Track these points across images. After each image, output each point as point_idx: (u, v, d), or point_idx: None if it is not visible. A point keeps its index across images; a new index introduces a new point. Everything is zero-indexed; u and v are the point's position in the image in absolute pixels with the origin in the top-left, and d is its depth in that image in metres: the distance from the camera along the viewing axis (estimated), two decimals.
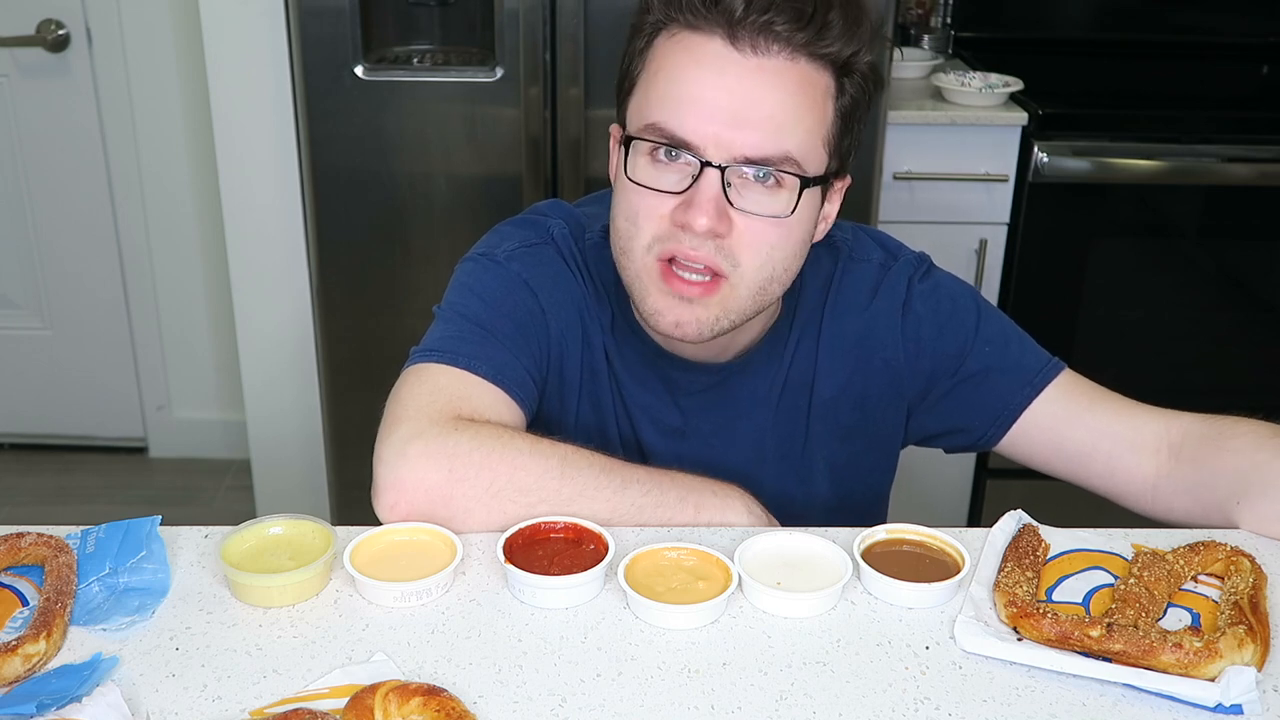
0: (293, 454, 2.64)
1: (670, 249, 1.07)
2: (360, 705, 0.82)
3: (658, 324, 1.11)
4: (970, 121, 2.37)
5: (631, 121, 1.10)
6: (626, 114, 1.11)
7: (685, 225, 1.05)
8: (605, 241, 1.19)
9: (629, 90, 1.11)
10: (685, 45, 1.05)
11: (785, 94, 1.04)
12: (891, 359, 1.23)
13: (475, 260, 1.22)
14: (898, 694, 0.88)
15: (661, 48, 1.07)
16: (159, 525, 1.01)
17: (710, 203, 1.04)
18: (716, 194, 1.04)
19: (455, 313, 1.18)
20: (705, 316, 1.09)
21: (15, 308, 2.97)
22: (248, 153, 2.41)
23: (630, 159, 1.08)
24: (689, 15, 1.04)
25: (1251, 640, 0.89)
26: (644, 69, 1.09)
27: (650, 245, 1.08)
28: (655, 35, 1.08)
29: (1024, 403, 1.21)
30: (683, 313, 1.09)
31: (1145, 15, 2.89)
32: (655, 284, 1.09)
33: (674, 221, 1.06)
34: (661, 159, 1.06)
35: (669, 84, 1.05)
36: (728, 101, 1.03)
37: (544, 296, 1.19)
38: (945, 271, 1.27)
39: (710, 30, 1.03)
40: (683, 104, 1.04)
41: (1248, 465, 1.09)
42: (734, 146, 1.04)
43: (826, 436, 1.24)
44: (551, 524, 1.03)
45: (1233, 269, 2.61)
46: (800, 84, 1.05)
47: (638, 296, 1.12)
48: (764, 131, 1.04)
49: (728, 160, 1.04)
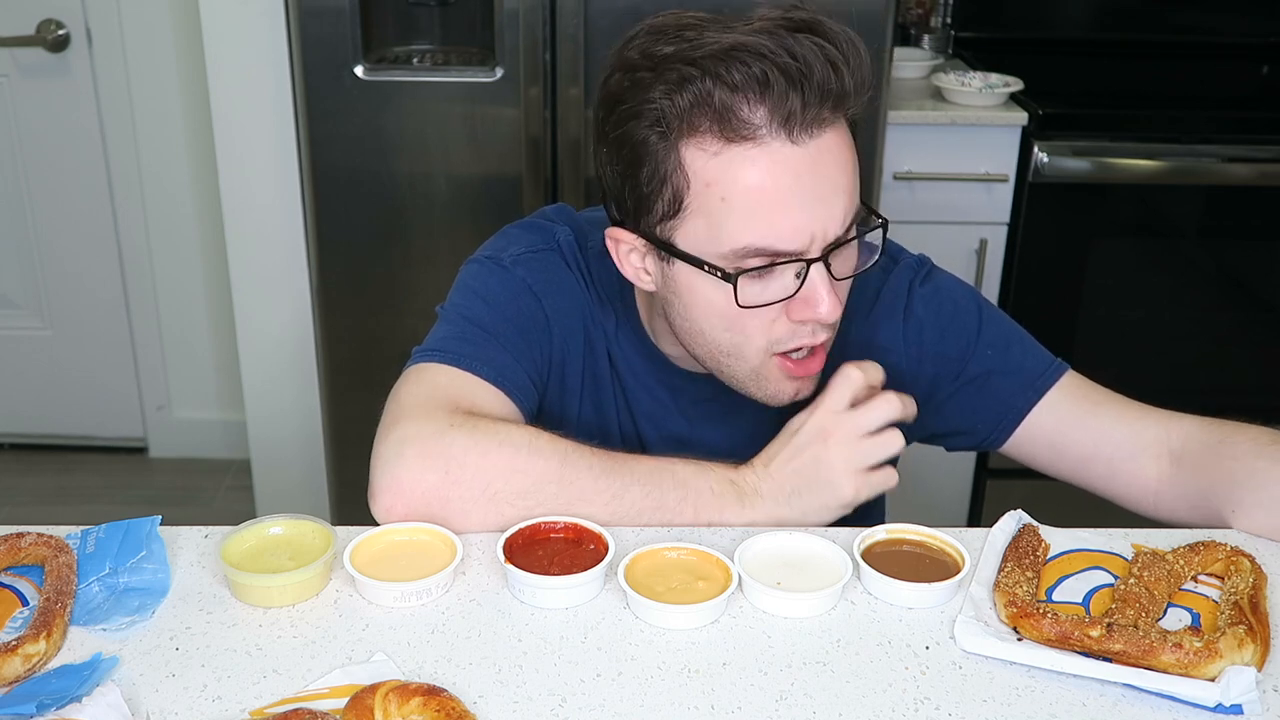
0: (293, 454, 2.64)
1: (792, 346, 1.09)
2: (360, 705, 0.82)
3: (777, 400, 1.13)
4: (970, 121, 2.37)
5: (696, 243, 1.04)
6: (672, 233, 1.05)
7: (810, 320, 1.06)
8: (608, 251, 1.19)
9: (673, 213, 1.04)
10: (747, 160, 0.99)
11: (843, 162, 1.04)
12: (894, 363, 1.22)
13: (480, 263, 1.22)
14: (898, 694, 0.88)
15: (711, 167, 1.00)
16: (159, 525, 1.01)
17: (830, 293, 1.04)
18: (829, 282, 1.05)
19: (458, 314, 1.17)
20: (816, 371, 1.12)
21: (15, 308, 2.97)
22: (248, 153, 2.41)
23: (740, 289, 1.04)
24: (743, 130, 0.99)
25: (1251, 640, 0.89)
26: (690, 191, 1.02)
27: (767, 348, 1.09)
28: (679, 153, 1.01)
29: (1027, 406, 1.21)
30: (800, 384, 1.12)
31: (1145, 15, 2.89)
32: (777, 377, 1.11)
33: (793, 319, 1.07)
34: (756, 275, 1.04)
35: (748, 203, 1.00)
36: (810, 197, 1.01)
37: (548, 302, 1.19)
38: (946, 273, 1.27)
39: (765, 137, 1.00)
40: (772, 219, 1.01)
41: (1244, 473, 1.09)
42: (827, 232, 1.03)
43: None
44: (551, 524, 1.03)
45: (1233, 269, 2.61)
46: (846, 146, 1.04)
47: (750, 388, 1.13)
48: (842, 207, 1.04)
49: (823, 248, 1.04)
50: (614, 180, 1.08)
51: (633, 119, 1.03)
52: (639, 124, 1.02)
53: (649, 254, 1.10)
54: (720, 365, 1.13)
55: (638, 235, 1.09)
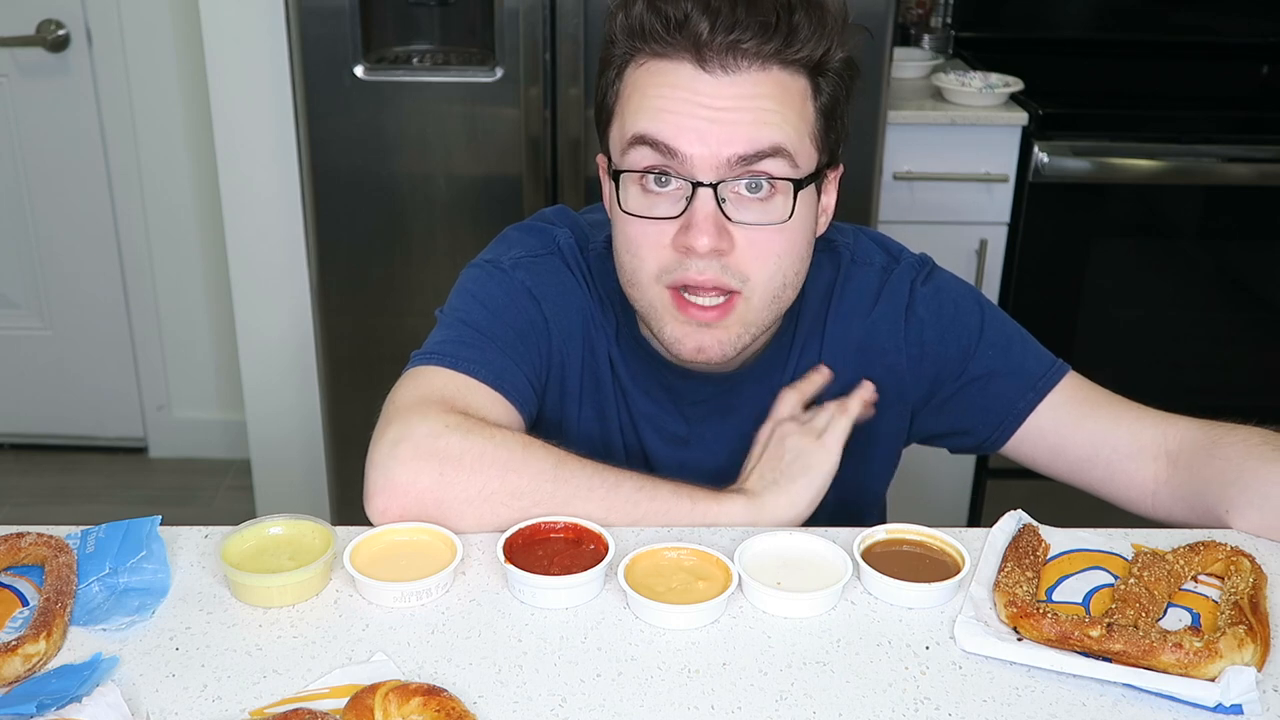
0: (293, 454, 2.64)
1: (678, 278, 1.07)
2: (360, 705, 0.82)
3: (680, 352, 1.11)
4: (970, 121, 2.37)
5: (615, 149, 1.10)
6: (609, 144, 1.12)
7: (688, 249, 1.05)
8: (609, 252, 1.19)
9: (607, 121, 1.12)
10: (656, 70, 1.05)
11: (762, 100, 1.04)
12: (895, 364, 1.22)
13: (480, 267, 1.22)
14: (898, 694, 0.88)
15: (631, 76, 1.08)
16: (159, 525, 1.01)
17: (708, 221, 1.04)
18: (713, 211, 1.04)
19: (457, 318, 1.18)
20: (726, 337, 1.10)
21: (15, 308, 2.97)
22: (248, 153, 2.41)
23: (621, 190, 1.07)
24: (654, 44, 1.04)
25: (1251, 640, 0.89)
26: (618, 98, 1.09)
27: (658, 276, 1.08)
28: (624, 66, 1.08)
29: (1028, 408, 1.21)
30: (703, 337, 1.09)
31: (1145, 15, 2.89)
32: (670, 314, 1.09)
33: (676, 247, 1.06)
34: (653, 187, 1.06)
35: (643, 100, 1.06)
36: (707, 119, 1.03)
37: (547, 306, 1.19)
38: (947, 273, 1.27)
39: (678, 56, 1.04)
40: (662, 114, 1.04)
41: (1236, 474, 1.09)
42: (721, 151, 1.03)
43: None
44: (551, 524, 1.03)
45: (1233, 269, 2.61)
46: (776, 91, 1.05)
47: (655, 326, 1.12)
48: (745, 138, 1.04)
49: (718, 175, 1.04)
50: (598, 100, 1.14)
51: (605, 44, 1.11)
52: (606, 48, 1.11)
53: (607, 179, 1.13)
54: (631, 300, 1.14)
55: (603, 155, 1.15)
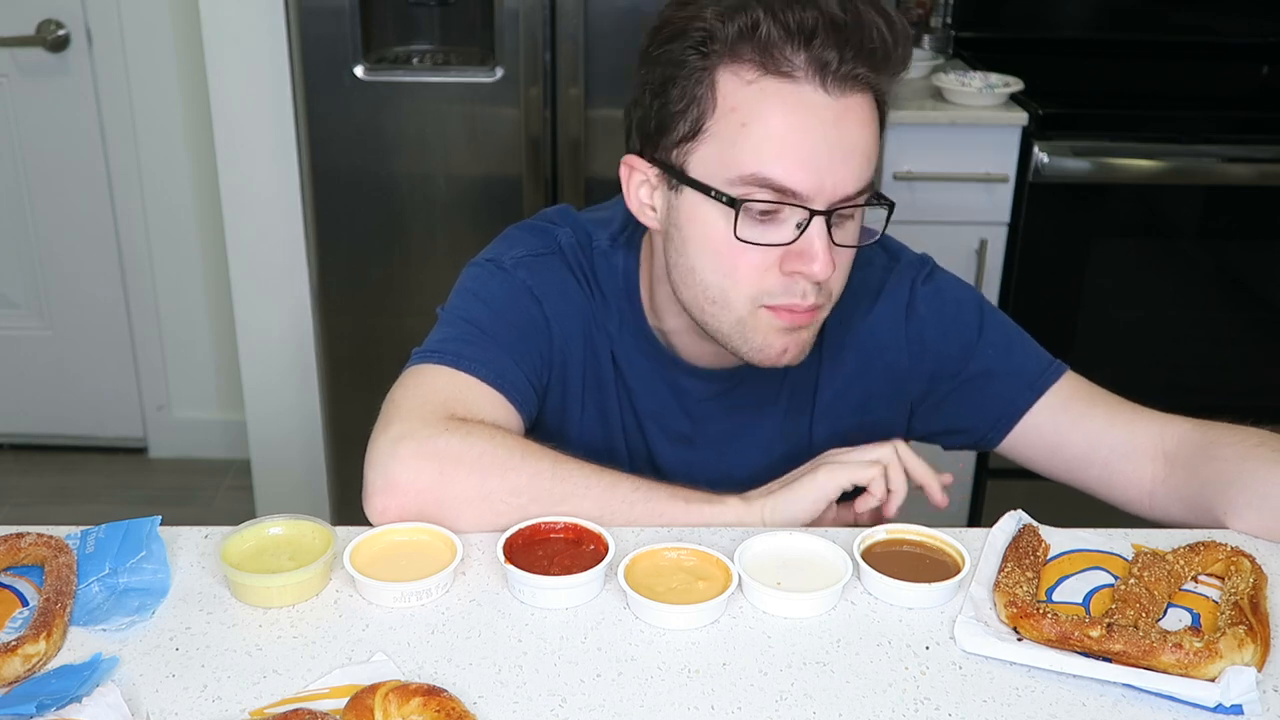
0: (293, 454, 2.64)
1: (782, 302, 1.07)
2: (360, 705, 0.82)
3: (763, 358, 1.11)
4: (970, 121, 2.37)
5: (707, 169, 1.06)
6: (687, 158, 1.07)
7: (800, 274, 1.05)
8: (613, 249, 1.19)
9: (691, 135, 1.06)
10: (777, 94, 1.02)
11: (866, 129, 1.05)
12: (895, 361, 1.23)
13: (482, 265, 1.22)
14: (898, 694, 0.88)
15: (741, 94, 1.03)
16: (159, 525, 1.01)
17: (826, 251, 1.04)
18: (828, 240, 1.04)
19: (458, 316, 1.17)
20: (805, 338, 1.11)
21: (15, 308, 2.97)
22: (248, 153, 2.41)
23: (740, 221, 1.05)
24: (782, 66, 1.02)
25: (1251, 640, 0.89)
26: (714, 114, 1.04)
27: (756, 297, 1.08)
28: (714, 74, 1.04)
29: (1025, 406, 1.21)
30: (788, 340, 1.10)
31: (1145, 15, 2.88)
32: (765, 326, 1.09)
33: (784, 270, 1.06)
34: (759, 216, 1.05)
35: (767, 134, 1.02)
36: (828, 148, 1.03)
37: (548, 306, 1.19)
38: (948, 273, 1.27)
39: (800, 79, 1.02)
40: (785, 154, 1.02)
41: (1234, 475, 1.09)
42: (836, 189, 1.04)
43: (828, 437, 1.24)
44: (551, 524, 1.03)
45: (1233, 269, 2.61)
46: (872, 116, 1.06)
47: (735, 341, 1.11)
48: (857, 168, 1.04)
49: (829, 204, 1.04)
50: (643, 101, 1.09)
51: (677, 38, 1.05)
52: (682, 43, 1.05)
53: (659, 187, 1.11)
54: (705, 314, 1.11)
55: (652, 164, 1.10)
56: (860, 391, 1.24)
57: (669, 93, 1.06)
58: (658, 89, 1.07)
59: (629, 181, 1.13)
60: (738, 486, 1.12)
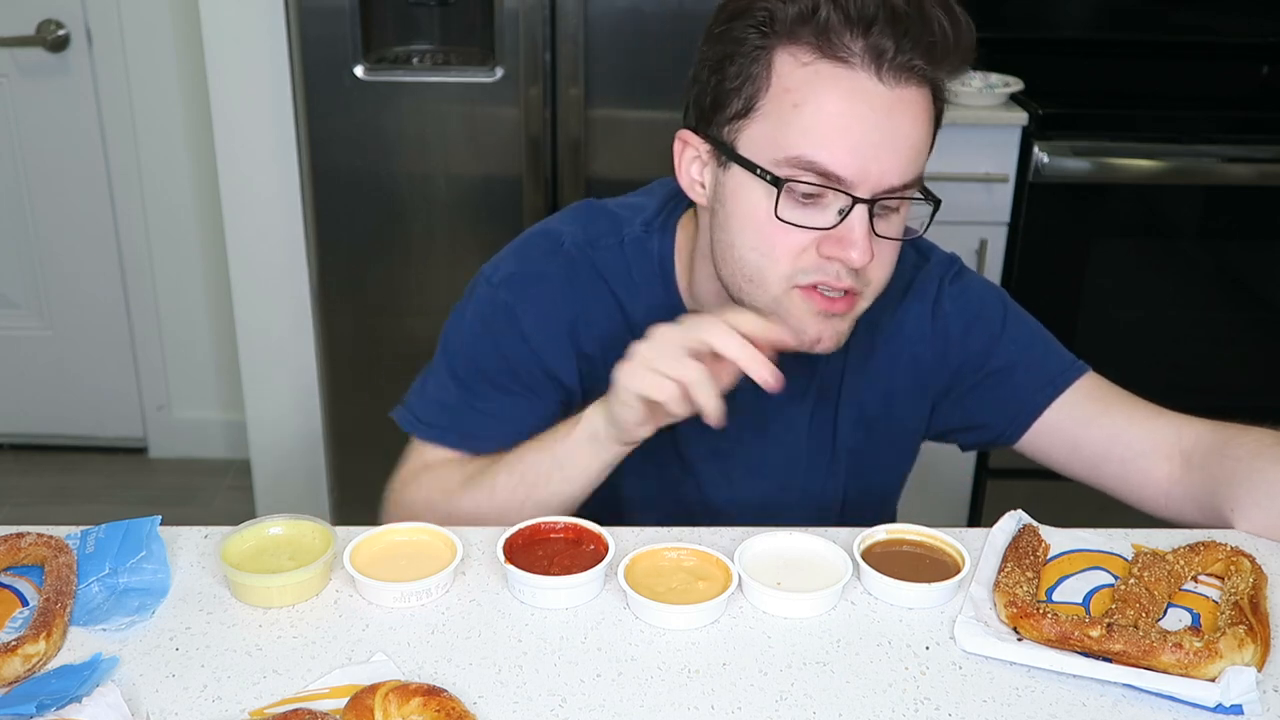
0: (293, 454, 2.64)
1: (815, 280, 1.07)
2: (360, 705, 0.82)
3: (799, 342, 1.10)
4: (970, 121, 2.37)
5: (756, 147, 1.06)
6: (737, 135, 1.07)
7: (838, 259, 1.05)
8: (648, 234, 1.20)
9: (744, 112, 1.06)
10: (831, 78, 1.02)
11: (919, 122, 1.05)
12: (920, 355, 1.24)
13: (468, 294, 1.24)
14: (898, 694, 0.88)
15: (796, 75, 1.03)
16: (159, 525, 1.01)
17: (865, 239, 1.04)
18: (868, 229, 1.04)
19: (449, 373, 1.23)
20: (842, 328, 1.11)
21: (15, 308, 2.97)
22: (248, 153, 2.41)
23: (782, 199, 1.05)
24: (839, 51, 1.02)
25: (1251, 640, 0.89)
26: (768, 94, 1.05)
27: (790, 276, 1.07)
28: (771, 55, 1.04)
29: (1044, 403, 1.22)
30: (824, 327, 1.10)
31: (1145, 15, 2.88)
32: (799, 308, 1.09)
33: (822, 254, 1.06)
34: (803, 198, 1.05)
35: (818, 117, 1.02)
36: (878, 137, 1.03)
37: (526, 323, 1.19)
38: (975, 273, 1.29)
39: (856, 65, 1.02)
40: (833, 139, 1.02)
41: (1244, 473, 1.10)
42: (882, 179, 1.04)
43: (850, 428, 1.25)
44: (551, 524, 1.03)
45: (1233, 269, 2.61)
46: (926, 111, 1.06)
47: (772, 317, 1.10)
48: (906, 161, 1.04)
49: (873, 193, 1.04)
50: (701, 77, 1.10)
51: (740, 16, 1.06)
52: (743, 22, 1.05)
53: (709, 163, 1.11)
54: (743, 293, 1.11)
55: (705, 140, 1.10)
56: (885, 386, 1.25)
57: (726, 70, 1.06)
58: (716, 65, 1.08)
59: (681, 156, 1.14)
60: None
